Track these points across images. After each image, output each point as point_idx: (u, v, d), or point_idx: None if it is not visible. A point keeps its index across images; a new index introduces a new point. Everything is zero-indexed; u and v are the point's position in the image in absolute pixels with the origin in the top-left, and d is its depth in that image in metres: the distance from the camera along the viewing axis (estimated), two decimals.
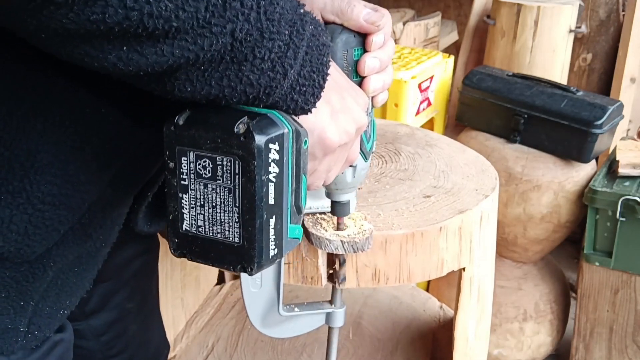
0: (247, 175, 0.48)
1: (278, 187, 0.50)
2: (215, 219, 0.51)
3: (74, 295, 0.65)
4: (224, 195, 0.50)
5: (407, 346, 1.08)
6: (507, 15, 1.82)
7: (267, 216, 0.50)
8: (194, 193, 0.51)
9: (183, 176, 0.51)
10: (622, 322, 1.57)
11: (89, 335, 0.86)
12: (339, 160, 0.61)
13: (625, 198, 1.44)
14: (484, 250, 0.85)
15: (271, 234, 0.51)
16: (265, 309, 0.76)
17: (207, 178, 0.50)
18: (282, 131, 0.49)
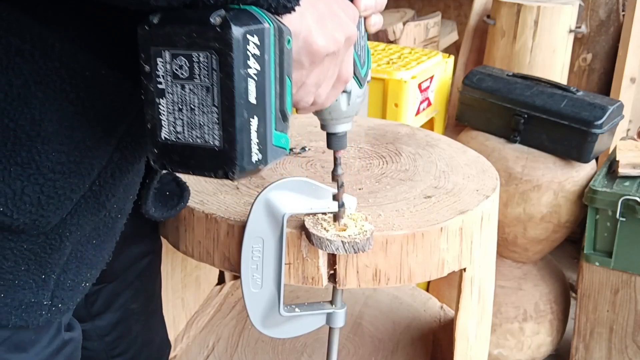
0: (225, 70, 0.46)
1: (260, 86, 0.48)
2: (194, 122, 0.48)
3: (94, 267, 0.66)
4: (202, 95, 0.47)
5: (407, 346, 1.08)
6: (507, 15, 1.82)
7: (248, 115, 0.48)
8: (171, 97, 0.49)
9: (159, 79, 0.48)
10: (622, 322, 1.57)
11: (94, 336, 0.86)
12: (329, 75, 0.59)
13: (625, 198, 1.44)
14: (485, 251, 0.85)
15: (253, 136, 0.48)
16: (266, 309, 0.76)
17: (184, 78, 0.48)
18: (262, 26, 0.47)
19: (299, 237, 0.73)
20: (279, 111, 0.52)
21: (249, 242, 0.72)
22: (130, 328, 0.90)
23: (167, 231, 0.86)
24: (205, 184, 0.86)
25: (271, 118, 0.50)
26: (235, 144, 0.47)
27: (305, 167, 0.92)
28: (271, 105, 0.50)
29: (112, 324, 0.87)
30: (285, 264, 0.74)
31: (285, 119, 0.53)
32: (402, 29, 1.99)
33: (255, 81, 0.47)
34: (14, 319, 0.59)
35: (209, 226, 0.78)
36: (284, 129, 0.53)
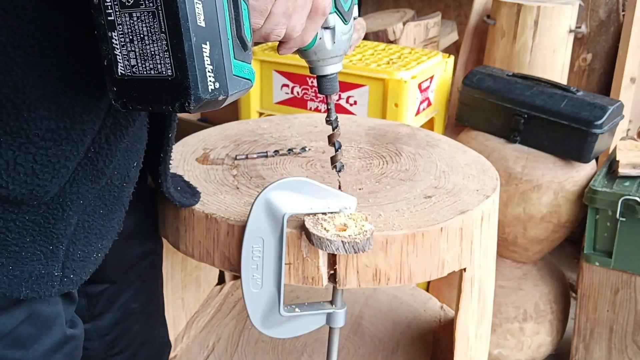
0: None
1: (208, 8, 0.46)
2: (146, 52, 0.47)
3: (104, 238, 0.65)
4: (150, 22, 0.46)
5: (407, 346, 1.08)
6: (507, 15, 1.82)
7: (197, 39, 0.46)
8: (121, 28, 0.47)
9: (108, 10, 0.47)
10: (622, 322, 1.57)
11: (94, 336, 0.86)
12: (299, 4, 0.58)
13: (625, 198, 1.44)
14: (485, 251, 0.85)
15: (207, 62, 0.47)
16: (266, 309, 0.76)
17: (130, 6, 0.46)
18: None
19: (299, 237, 0.73)
20: (237, 37, 0.50)
21: (249, 242, 0.72)
22: (130, 327, 0.90)
23: (167, 231, 0.86)
24: (205, 183, 0.86)
25: (227, 44, 0.49)
26: (186, 71, 0.46)
27: (305, 167, 0.92)
28: (226, 30, 0.48)
29: (112, 323, 0.87)
30: (285, 264, 0.74)
31: (245, 47, 0.51)
32: (402, 29, 1.99)
33: (201, 2, 0.46)
34: (25, 291, 0.59)
35: (209, 226, 0.78)
36: (245, 59, 0.51)
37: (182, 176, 0.88)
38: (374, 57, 1.66)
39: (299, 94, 1.64)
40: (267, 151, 0.96)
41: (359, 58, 1.64)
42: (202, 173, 0.90)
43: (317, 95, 1.62)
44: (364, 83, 1.55)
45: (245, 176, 0.89)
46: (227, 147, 0.99)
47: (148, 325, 0.93)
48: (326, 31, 0.67)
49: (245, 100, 1.70)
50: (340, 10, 0.66)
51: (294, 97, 1.65)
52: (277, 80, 1.66)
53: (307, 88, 1.63)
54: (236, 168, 0.91)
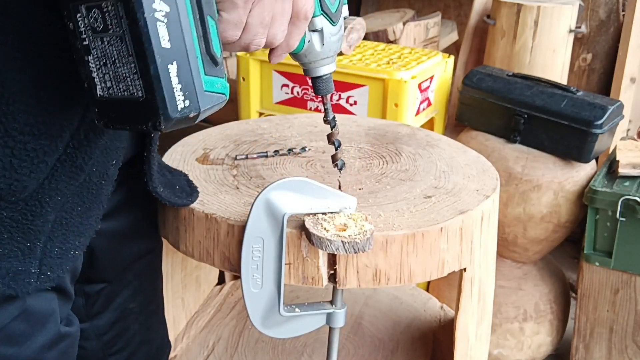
0: (130, 16, 0.46)
1: (173, 28, 0.48)
2: (119, 75, 0.49)
3: (82, 235, 0.65)
4: (119, 46, 0.48)
5: (407, 346, 1.08)
6: (507, 15, 1.82)
7: (162, 61, 0.47)
8: (95, 52, 0.49)
9: (83, 36, 0.48)
10: (622, 322, 1.57)
11: (92, 336, 0.86)
12: (278, 12, 0.58)
13: (625, 198, 1.44)
14: (485, 251, 0.85)
15: (174, 82, 0.48)
16: (266, 309, 0.76)
17: (100, 31, 0.48)
18: None
19: (299, 237, 0.73)
20: (206, 54, 0.51)
21: (249, 242, 0.72)
22: (128, 327, 0.90)
23: (167, 231, 0.86)
24: (205, 183, 0.86)
25: (196, 62, 0.50)
26: (154, 92, 0.47)
27: (305, 167, 0.92)
28: (193, 49, 0.49)
29: (109, 323, 0.87)
30: (285, 264, 0.74)
31: (216, 63, 0.52)
32: (402, 29, 1.99)
33: (165, 24, 0.47)
34: (2, 287, 0.58)
35: (209, 226, 0.78)
36: (217, 74, 0.52)
37: (187, 175, 0.88)
38: (374, 57, 1.66)
39: (299, 94, 1.64)
40: (267, 151, 0.96)
41: (359, 58, 1.64)
42: (202, 173, 0.90)
43: (317, 95, 1.62)
44: (364, 83, 1.55)
45: (245, 176, 0.89)
46: (227, 147, 0.99)
47: (146, 325, 0.93)
48: (314, 34, 0.67)
49: (245, 100, 1.70)
50: (327, 12, 0.65)
51: (294, 97, 1.65)
52: (277, 80, 1.66)
53: (307, 88, 1.63)
54: (236, 168, 0.91)
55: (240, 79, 1.68)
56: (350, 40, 1.67)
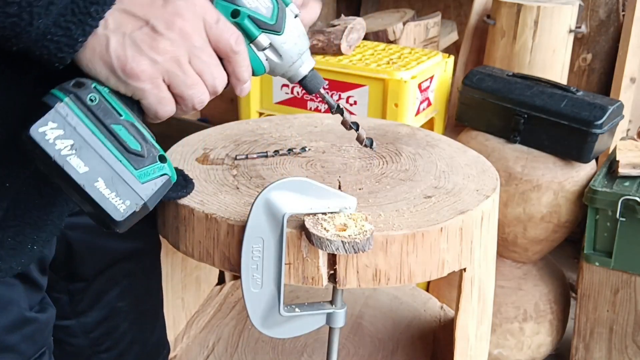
0: (45, 160, 0.53)
1: (84, 154, 0.54)
2: (78, 200, 0.56)
3: (42, 230, 0.65)
4: (58, 183, 0.55)
5: (407, 346, 1.08)
6: (507, 15, 1.82)
7: (87, 183, 0.54)
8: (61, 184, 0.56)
9: (51, 178, 0.56)
10: (622, 322, 1.57)
11: (78, 333, 0.86)
12: (201, 65, 0.58)
13: (625, 198, 1.44)
14: (485, 251, 0.85)
15: (107, 193, 0.54)
16: (266, 309, 0.76)
17: (48, 174, 0.55)
18: (53, 108, 0.53)
19: (299, 237, 0.73)
20: (128, 154, 0.56)
21: (249, 242, 0.72)
22: (118, 326, 0.90)
23: (167, 231, 0.87)
24: (205, 183, 0.86)
25: (121, 166, 0.55)
26: (97, 208, 0.55)
27: (305, 167, 0.92)
28: (113, 158, 0.55)
29: (97, 321, 0.87)
30: (285, 264, 0.74)
31: (142, 155, 0.57)
32: (402, 29, 1.99)
33: (75, 154, 0.53)
34: None
35: (209, 226, 0.78)
36: (148, 163, 0.57)
37: (182, 170, 0.88)
38: (374, 57, 1.66)
39: (299, 94, 1.64)
40: (267, 151, 0.96)
41: (359, 58, 1.64)
42: (202, 173, 0.90)
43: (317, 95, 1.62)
44: (364, 83, 1.55)
45: (245, 176, 0.89)
46: (227, 147, 0.99)
47: (138, 324, 0.93)
48: (266, 51, 0.66)
49: (245, 100, 1.70)
50: (265, 27, 0.65)
51: (294, 97, 1.65)
52: (277, 80, 1.66)
53: None
54: (236, 168, 0.91)
55: None
56: (350, 40, 1.67)
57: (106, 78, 0.56)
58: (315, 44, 1.63)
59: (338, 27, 1.64)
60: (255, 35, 0.64)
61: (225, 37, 0.60)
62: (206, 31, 0.59)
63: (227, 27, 0.60)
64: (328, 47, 1.63)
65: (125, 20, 0.55)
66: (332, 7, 2.83)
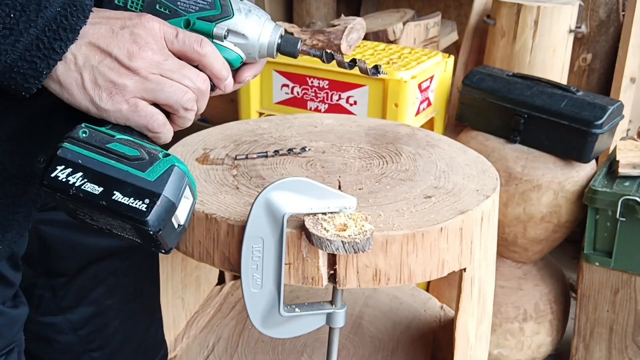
0: (65, 199, 0.60)
1: (95, 177, 0.59)
2: (115, 225, 0.63)
3: (7, 230, 0.66)
4: (88, 210, 0.61)
5: (407, 346, 1.08)
6: (507, 15, 1.82)
7: (106, 199, 0.59)
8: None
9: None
10: (622, 322, 1.57)
11: (66, 329, 0.87)
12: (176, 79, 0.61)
13: (625, 198, 1.44)
14: (485, 251, 0.85)
15: (126, 201, 0.59)
16: (266, 309, 0.76)
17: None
18: (56, 155, 0.60)
19: (299, 237, 0.73)
20: (131, 162, 0.61)
21: (249, 242, 0.72)
22: (107, 323, 0.90)
23: None
24: (205, 183, 0.86)
25: (128, 175, 0.60)
26: (125, 218, 0.59)
27: (305, 167, 0.92)
28: (118, 170, 0.61)
29: (85, 317, 0.88)
30: (285, 264, 0.74)
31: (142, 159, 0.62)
32: (402, 29, 1.99)
33: (87, 180, 0.59)
34: None
35: (209, 226, 0.78)
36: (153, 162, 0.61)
37: None
38: (374, 57, 1.66)
39: (299, 94, 1.64)
40: (267, 151, 0.96)
41: (359, 58, 1.64)
42: (202, 173, 0.90)
43: (317, 95, 1.62)
44: (364, 83, 1.55)
45: (245, 176, 0.89)
46: (227, 147, 0.99)
47: (130, 323, 0.93)
48: (229, 38, 0.68)
49: (245, 100, 1.70)
50: (215, 18, 0.67)
51: (294, 97, 1.65)
52: (277, 80, 1.66)
53: (307, 88, 1.63)
54: (236, 168, 0.91)
55: None
56: (350, 40, 1.67)
57: (87, 109, 0.60)
58: (315, 44, 1.63)
59: (338, 27, 1.64)
60: (211, 30, 0.67)
61: (188, 44, 0.63)
62: (169, 48, 0.62)
63: (187, 36, 0.63)
64: (328, 47, 1.63)
65: (92, 53, 0.58)
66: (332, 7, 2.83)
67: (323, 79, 1.59)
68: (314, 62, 1.61)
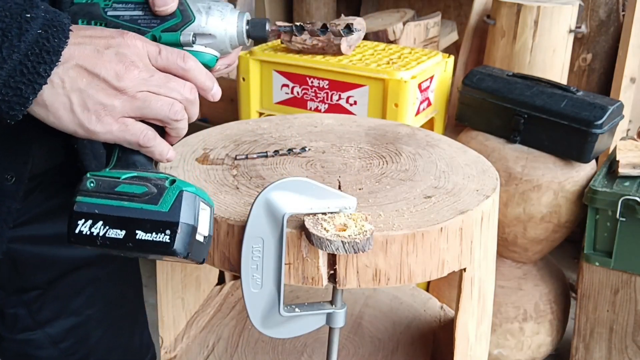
0: (96, 248, 0.63)
1: (115, 222, 0.63)
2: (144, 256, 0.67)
3: None
4: (118, 252, 0.64)
5: (407, 346, 1.08)
6: (507, 15, 1.82)
7: (131, 239, 0.63)
8: None
9: None
10: (622, 322, 1.57)
11: (46, 344, 0.85)
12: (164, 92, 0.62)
13: (625, 198, 1.44)
14: (485, 251, 0.85)
15: (149, 237, 0.63)
16: (266, 310, 0.76)
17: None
18: (73, 212, 0.63)
19: (299, 237, 0.73)
20: (142, 199, 0.64)
21: (249, 242, 0.72)
22: (89, 334, 0.89)
23: None
24: (205, 183, 0.86)
25: (143, 212, 0.64)
26: (154, 251, 0.63)
27: (305, 167, 0.92)
28: (133, 210, 0.64)
29: (65, 330, 0.86)
30: (285, 264, 0.74)
31: (151, 193, 0.65)
32: (402, 29, 1.99)
33: (109, 227, 0.63)
34: None
35: None
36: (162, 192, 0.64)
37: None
38: (374, 57, 1.66)
39: (299, 94, 1.64)
40: (267, 151, 0.96)
41: (359, 58, 1.64)
42: (202, 173, 0.90)
43: (317, 95, 1.62)
44: (364, 83, 1.55)
45: (245, 176, 0.89)
46: (227, 147, 0.99)
47: (113, 331, 0.92)
48: (198, 41, 0.69)
49: (245, 100, 1.70)
50: (178, 26, 0.68)
51: (294, 97, 1.65)
52: (277, 80, 1.66)
53: (307, 88, 1.63)
54: (236, 168, 0.91)
55: (240, 79, 1.68)
56: (350, 40, 1.67)
57: (74, 132, 0.60)
58: (315, 44, 1.63)
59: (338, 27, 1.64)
60: (178, 39, 0.67)
61: (172, 61, 0.63)
62: (154, 65, 0.62)
63: (169, 52, 0.63)
64: (328, 47, 1.63)
65: (79, 76, 0.57)
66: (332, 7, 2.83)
67: (323, 79, 1.60)
68: (314, 62, 1.61)
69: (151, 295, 2.31)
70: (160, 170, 0.71)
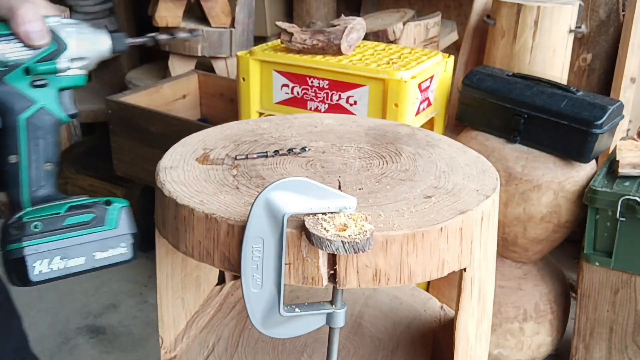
0: (63, 280, 0.70)
1: (71, 253, 0.69)
2: None
3: None
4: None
5: (407, 346, 1.08)
6: (507, 15, 1.82)
7: (91, 262, 0.72)
8: None
9: None
10: (622, 322, 1.57)
11: None
12: None
13: (625, 198, 1.44)
14: (485, 251, 0.85)
15: (107, 255, 0.74)
16: (266, 309, 0.76)
17: None
18: (23, 258, 0.67)
19: (299, 237, 0.73)
20: (89, 224, 0.72)
21: (249, 242, 0.72)
22: None
23: (167, 231, 0.86)
24: (205, 183, 0.86)
25: (95, 235, 0.74)
26: (114, 265, 0.76)
27: (305, 167, 0.92)
28: (84, 236, 0.73)
29: None
30: (285, 264, 0.74)
31: (95, 216, 0.74)
32: (402, 29, 1.99)
33: (67, 258, 0.70)
34: None
35: (209, 226, 0.78)
36: (103, 213, 0.74)
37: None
38: (374, 57, 1.66)
39: (299, 94, 1.64)
40: (267, 151, 0.96)
41: (359, 58, 1.64)
42: (202, 173, 0.90)
43: (317, 95, 1.62)
44: (364, 83, 1.55)
45: (245, 176, 0.89)
46: (227, 147, 0.99)
47: None
48: (73, 65, 0.72)
49: (245, 100, 1.70)
50: (52, 56, 0.71)
51: (294, 97, 1.65)
52: (277, 80, 1.66)
53: (307, 88, 1.63)
54: (236, 168, 0.91)
55: (241, 79, 1.68)
56: (350, 40, 1.67)
57: None
58: (316, 44, 1.63)
59: (338, 27, 1.64)
60: (54, 67, 0.71)
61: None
62: None
63: None
64: (328, 47, 1.63)
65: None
66: (332, 7, 2.83)
67: (323, 79, 1.60)
68: (314, 62, 1.61)
69: (151, 295, 2.31)
70: (80, 193, 0.79)
